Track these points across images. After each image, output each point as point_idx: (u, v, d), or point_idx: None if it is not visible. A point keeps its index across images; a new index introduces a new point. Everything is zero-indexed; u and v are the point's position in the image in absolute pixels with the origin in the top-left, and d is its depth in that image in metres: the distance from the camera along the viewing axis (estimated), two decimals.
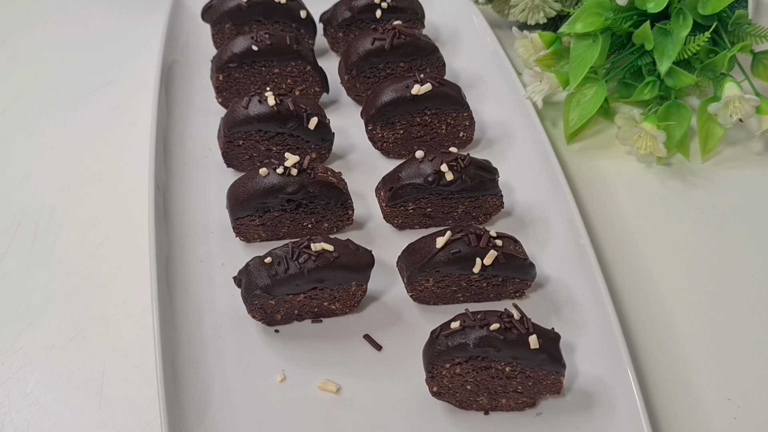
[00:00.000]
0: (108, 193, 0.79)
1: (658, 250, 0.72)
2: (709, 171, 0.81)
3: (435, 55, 0.86)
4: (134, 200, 0.76)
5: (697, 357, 0.63)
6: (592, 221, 0.74)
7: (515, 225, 0.73)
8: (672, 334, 0.65)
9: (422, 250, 0.64)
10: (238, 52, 0.83)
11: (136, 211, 0.75)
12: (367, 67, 0.85)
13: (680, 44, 0.81)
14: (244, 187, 0.69)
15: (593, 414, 0.58)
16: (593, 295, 0.64)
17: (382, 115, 0.78)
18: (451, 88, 0.79)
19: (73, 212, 0.77)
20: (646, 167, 0.81)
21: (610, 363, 0.59)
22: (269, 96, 0.75)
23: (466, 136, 0.81)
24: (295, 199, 0.69)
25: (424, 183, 0.69)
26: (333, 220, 0.72)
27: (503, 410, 0.58)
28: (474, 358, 0.56)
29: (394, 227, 0.73)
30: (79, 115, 0.91)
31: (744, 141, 0.84)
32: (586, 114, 0.82)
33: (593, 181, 0.79)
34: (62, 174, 0.82)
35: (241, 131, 0.76)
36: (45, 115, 0.91)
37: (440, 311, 0.65)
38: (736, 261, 0.72)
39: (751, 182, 0.79)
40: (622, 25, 0.84)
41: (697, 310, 0.67)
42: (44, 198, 0.79)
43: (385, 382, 0.60)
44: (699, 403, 0.59)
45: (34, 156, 0.85)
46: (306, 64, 0.84)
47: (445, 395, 0.58)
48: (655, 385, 0.61)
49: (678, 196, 0.78)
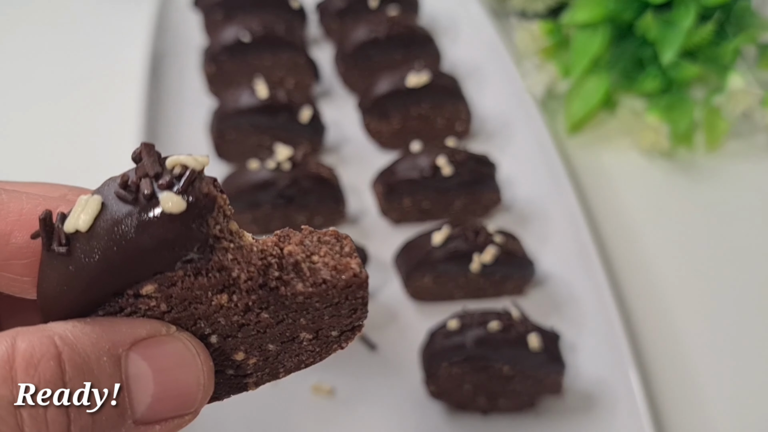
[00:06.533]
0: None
1: (662, 245, 0.71)
2: (714, 164, 0.80)
3: (431, 45, 0.85)
4: None
5: (702, 356, 0.62)
6: (594, 216, 0.73)
7: (514, 220, 0.72)
8: (676, 331, 0.64)
9: (419, 247, 0.63)
10: (230, 43, 0.81)
11: None
12: (363, 58, 0.83)
13: (683, 35, 0.80)
14: (235, 182, 0.68)
15: (594, 415, 0.57)
16: (595, 292, 0.63)
17: (378, 108, 0.77)
18: (447, 80, 0.77)
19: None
20: (650, 160, 0.80)
21: (612, 363, 0.58)
22: (261, 87, 0.74)
23: (463, 129, 0.80)
24: (286, 194, 0.68)
25: (421, 177, 0.68)
26: (326, 215, 0.70)
27: (502, 411, 0.57)
28: (472, 358, 0.54)
29: (390, 222, 0.72)
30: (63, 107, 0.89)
31: (749, 134, 0.83)
32: (588, 105, 0.81)
33: (595, 174, 0.78)
34: (47, 170, 0.80)
35: (233, 123, 0.75)
36: (26, 109, 0.89)
37: (437, 309, 0.63)
38: (743, 256, 0.71)
39: (757, 176, 0.78)
40: (624, 14, 0.83)
41: (702, 307, 0.66)
42: None
43: (380, 382, 0.59)
44: (704, 404, 0.58)
45: (15, 152, 0.83)
46: (299, 55, 0.83)
47: (442, 396, 0.57)
48: (658, 385, 0.60)
49: (682, 190, 0.77)
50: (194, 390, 0.28)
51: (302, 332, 0.30)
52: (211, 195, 0.27)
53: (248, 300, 0.29)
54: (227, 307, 0.29)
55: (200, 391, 0.28)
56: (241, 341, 0.30)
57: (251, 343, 0.30)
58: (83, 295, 0.27)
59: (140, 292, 0.27)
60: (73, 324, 0.27)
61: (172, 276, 0.27)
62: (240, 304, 0.29)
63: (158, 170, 0.27)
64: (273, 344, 0.31)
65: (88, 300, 0.27)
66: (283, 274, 0.29)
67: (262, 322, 0.30)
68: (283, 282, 0.29)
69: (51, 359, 0.25)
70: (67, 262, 0.27)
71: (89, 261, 0.26)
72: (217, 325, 0.29)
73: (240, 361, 0.31)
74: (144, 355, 0.27)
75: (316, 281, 0.29)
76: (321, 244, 0.30)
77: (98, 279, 0.27)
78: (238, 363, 0.31)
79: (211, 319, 0.29)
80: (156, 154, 0.27)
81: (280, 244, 0.30)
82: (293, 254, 0.29)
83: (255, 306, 0.29)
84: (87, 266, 0.26)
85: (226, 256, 0.28)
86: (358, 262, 0.29)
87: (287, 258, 0.29)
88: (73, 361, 0.25)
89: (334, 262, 0.29)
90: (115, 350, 0.26)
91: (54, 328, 0.26)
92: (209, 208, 0.27)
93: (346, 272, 0.29)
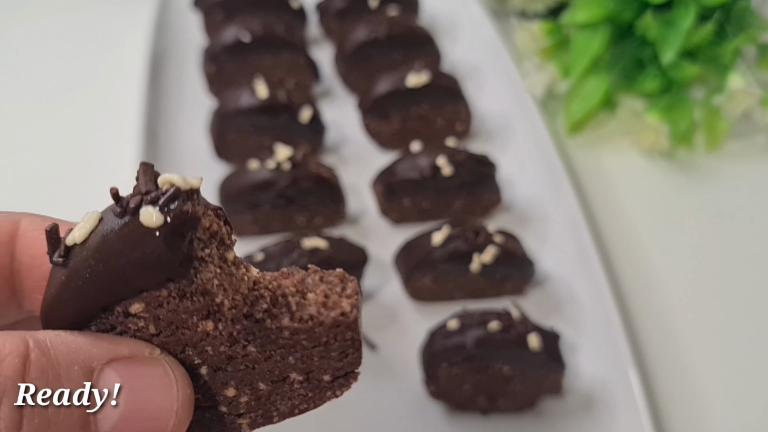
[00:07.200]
0: (95, 190, 0.77)
1: (662, 245, 0.71)
2: (714, 164, 0.79)
3: (431, 45, 0.85)
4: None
5: (702, 356, 0.61)
6: (593, 216, 0.73)
7: (514, 220, 0.71)
8: (676, 331, 0.63)
9: (419, 247, 0.63)
10: (230, 43, 0.81)
11: None
12: (363, 58, 0.83)
13: (683, 35, 0.80)
14: (235, 182, 0.68)
15: (594, 415, 0.56)
16: (595, 292, 0.63)
17: (378, 108, 0.76)
18: (447, 80, 0.77)
19: (58, 210, 0.75)
20: (650, 161, 0.80)
21: (612, 363, 0.58)
22: (261, 87, 0.74)
23: (463, 129, 0.79)
24: (286, 195, 0.68)
25: (421, 177, 0.68)
26: (326, 215, 0.70)
27: (502, 411, 0.57)
28: (472, 358, 0.54)
29: (390, 222, 0.71)
30: (63, 107, 0.89)
31: (749, 134, 0.83)
32: (588, 105, 0.81)
33: (595, 175, 0.78)
34: (46, 170, 0.80)
35: (233, 124, 0.74)
36: (26, 109, 0.89)
37: (437, 309, 0.63)
38: (743, 256, 0.71)
39: (757, 176, 0.78)
40: (624, 14, 0.82)
41: (702, 307, 0.65)
42: (28, 196, 0.77)
43: (380, 382, 0.59)
44: (704, 404, 0.58)
45: (15, 152, 0.83)
46: (299, 55, 0.83)
47: (442, 396, 0.56)
48: (658, 385, 0.59)
49: (682, 190, 0.77)
50: (165, 415, 0.28)
51: (292, 372, 0.30)
52: (193, 214, 0.27)
53: (233, 329, 0.29)
54: (213, 335, 0.29)
55: (172, 417, 0.28)
56: (231, 375, 0.30)
57: (241, 379, 0.30)
58: (74, 306, 0.27)
59: (129, 310, 0.28)
60: (57, 333, 0.27)
61: (158, 296, 0.27)
62: (225, 332, 0.29)
63: (150, 188, 0.27)
64: (263, 383, 0.30)
65: (79, 311, 0.28)
66: (273, 308, 0.29)
67: (250, 356, 0.29)
68: (270, 315, 0.29)
69: (16, 357, 0.25)
70: (62, 272, 0.27)
71: (79, 271, 0.27)
72: (205, 355, 0.29)
73: (231, 398, 0.31)
74: (120, 372, 0.27)
75: (303, 317, 0.29)
76: (322, 283, 0.30)
77: (86, 289, 0.27)
78: (230, 399, 0.31)
79: (199, 347, 0.29)
80: (152, 174, 0.28)
81: (279, 279, 0.30)
82: (282, 287, 0.29)
83: (241, 337, 0.29)
84: (76, 276, 0.27)
85: (211, 280, 0.28)
86: (352, 303, 0.29)
87: (277, 291, 0.29)
88: (39, 363, 0.26)
89: (324, 300, 0.29)
90: (90, 362, 0.27)
91: (36, 333, 0.27)
92: (190, 227, 0.27)
93: (334, 310, 0.29)
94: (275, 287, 0.29)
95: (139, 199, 0.27)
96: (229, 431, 0.32)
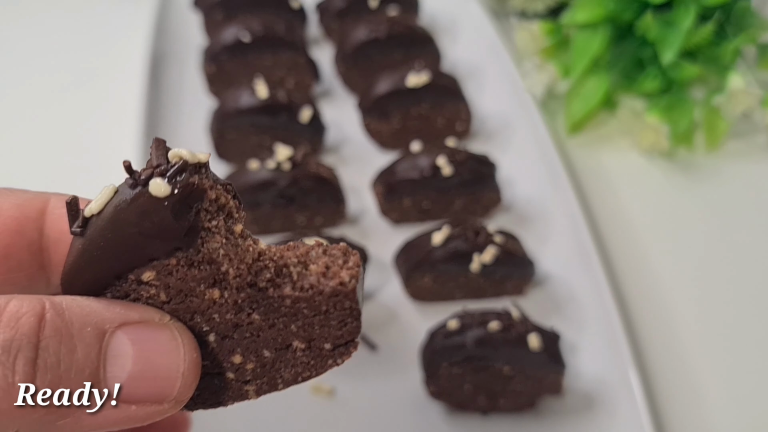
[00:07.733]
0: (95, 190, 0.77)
1: (662, 245, 0.71)
2: (714, 164, 0.79)
3: (431, 45, 0.85)
4: None
5: (702, 356, 0.61)
6: (593, 216, 0.73)
7: (515, 220, 0.71)
8: (676, 331, 0.63)
9: (419, 247, 0.63)
10: (230, 43, 0.81)
11: None
12: (363, 58, 0.83)
13: (683, 35, 0.80)
14: (235, 182, 0.68)
15: (594, 415, 0.56)
16: (595, 292, 0.63)
17: (378, 108, 0.76)
18: (447, 80, 0.77)
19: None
20: (650, 161, 0.80)
21: (612, 363, 0.58)
22: (261, 87, 0.74)
23: (463, 129, 0.79)
24: (286, 194, 0.68)
25: (421, 177, 0.68)
26: (326, 215, 0.70)
27: (502, 411, 0.57)
28: (472, 358, 0.54)
29: (390, 222, 0.71)
30: (63, 107, 0.88)
31: (749, 134, 0.83)
32: (588, 105, 0.81)
33: (595, 174, 0.78)
34: (47, 170, 0.80)
35: (233, 123, 0.74)
36: (26, 109, 0.88)
37: (437, 309, 0.63)
38: (743, 256, 0.71)
39: (757, 176, 0.78)
40: (624, 15, 0.82)
41: (702, 307, 0.65)
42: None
43: (380, 382, 0.59)
44: (704, 404, 0.58)
45: (16, 152, 0.83)
46: (299, 55, 0.83)
47: (442, 396, 0.56)
48: (658, 385, 0.59)
49: (682, 190, 0.77)
50: (173, 376, 0.29)
51: (295, 340, 0.31)
52: (200, 186, 0.29)
53: (238, 297, 0.30)
54: (219, 303, 0.30)
55: (179, 379, 0.29)
56: (237, 343, 0.31)
57: (247, 347, 0.31)
58: (90, 274, 0.29)
59: (141, 278, 0.29)
60: (73, 297, 0.29)
61: (168, 264, 0.29)
62: (230, 300, 0.30)
63: (161, 161, 0.29)
64: (268, 350, 0.31)
65: (95, 278, 0.29)
66: (276, 278, 0.30)
67: (255, 324, 0.31)
68: (273, 284, 0.30)
69: (33, 316, 0.27)
70: (80, 242, 0.29)
71: (95, 240, 0.29)
72: (213, 323, 0.30)
73: (238, 365, 0.32)
74: (130, 336, 0.29)
75: (303, 286, 0.30)
76: (325, 255, 0.31)
77: (101, 257, 0.29)
78: (237, 366, 0.32)
79: (206, 314, 0.30)
80: (164, 149, 0.29)
81: (284, 251, 0.31)
82: (285, 258, 0.30)
83: (245, 305, 0.30)
84: (92, 245, 0.29)
85: (217, 250, 0.29)
86: (352, 274, 0.30)
87: (281, 262, 0.30)
88: (53, 323, 0.27)
89: (324, 271, 0.30)
90: (102, 325, 0.28)
91: (53, 297, 0.28)
92: (196, 198, 0.29)
93: (333, 280, 0.30)
94: (279, 258, 0.31)
95: (150, 171, 0.28)
96: (237, 397, 0.33)
